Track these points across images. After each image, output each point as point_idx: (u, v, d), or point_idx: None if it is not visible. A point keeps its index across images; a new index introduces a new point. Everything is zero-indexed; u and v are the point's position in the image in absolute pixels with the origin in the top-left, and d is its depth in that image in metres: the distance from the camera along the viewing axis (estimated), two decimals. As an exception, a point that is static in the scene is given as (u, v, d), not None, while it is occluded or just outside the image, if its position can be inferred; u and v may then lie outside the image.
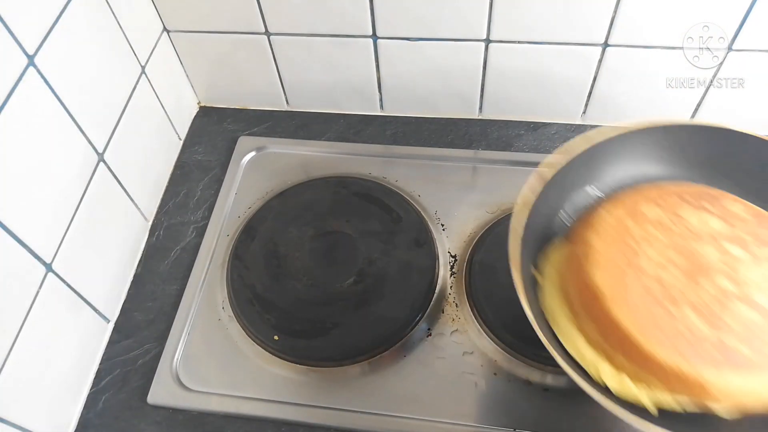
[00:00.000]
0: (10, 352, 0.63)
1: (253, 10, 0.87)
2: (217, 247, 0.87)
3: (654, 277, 0.59)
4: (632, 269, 0.60)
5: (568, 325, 0.62)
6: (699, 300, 0.57)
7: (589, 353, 0.60)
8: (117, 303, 0.83)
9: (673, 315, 0.57)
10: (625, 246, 0.62)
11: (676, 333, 0.56)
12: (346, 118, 1.01)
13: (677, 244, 0.61)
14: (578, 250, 0.64)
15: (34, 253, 0.66)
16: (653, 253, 0.61)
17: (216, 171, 0.96)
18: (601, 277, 0.60)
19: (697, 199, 0.65)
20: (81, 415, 0.76)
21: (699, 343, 0.55)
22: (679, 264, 0.60)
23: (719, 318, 0.56)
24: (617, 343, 0.58)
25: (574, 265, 0.64)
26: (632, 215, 0.64)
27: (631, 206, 0.65)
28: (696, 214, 0.64)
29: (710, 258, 0.60)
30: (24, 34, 0.63)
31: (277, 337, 0.77)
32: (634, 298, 0.58)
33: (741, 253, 0.61)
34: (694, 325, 0.56)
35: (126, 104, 0.83)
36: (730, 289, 0.58)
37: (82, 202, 0.74)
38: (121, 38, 0.81)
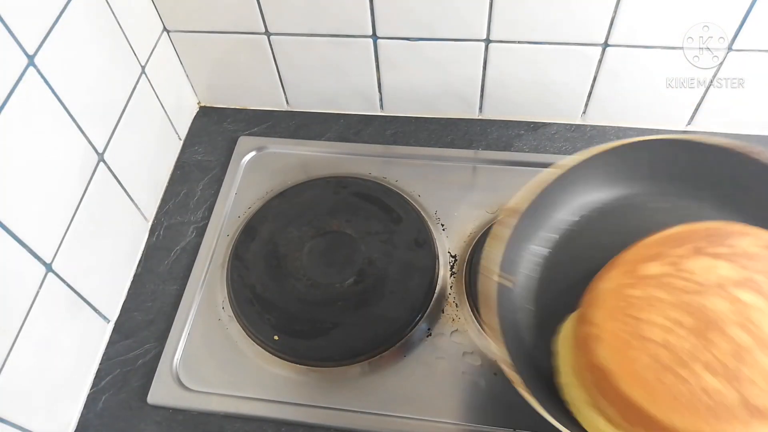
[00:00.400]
0: (10, 352, 0.63)
1: (253, 10, 0.87)
2: (217, 247, 0.87)
3: (661, 342, 0.55)
4: (637, 340, 0.56)
5: (586, 407, 0.60)
6: (712, 358, 0.53)
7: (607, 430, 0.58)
8: (117, 303, 0.83)
9: (686, 379, 0.53)
10: (627, 316, 0.58)
11: (693, 398, 0.53)
12: (346, 118, 1.01)
13: (682, 301, 0.57)
14: (582, 329, 0.61)
15: (34, 253, 0.66)
16: (657, 317, 0.57)
17: (216, 171, 0.96)
18: (606, 354, 0.57)
19: (701, 243, 0.60)
20: (81, 415, 0.76)
21: (719, 404, 0.52)
22: (687, 323, 0.55)
23: (737, 373, 0.53)
24: (636, 420, 0.55)
25: (580, 344, 0.61)
26: (632, 279, 0.60)
27: (629, 268, 0.61)
28: (700, 262, 0.59)
29: (719, 309, 0.55)
30: (24, 34, 0.63)
31: (277, 337, 0.77)
32: (642, 370, 0.55)
33: (752, 298, 0.56)
34: (710, 386, 0.53)
35: (126, 104, 0.83)
36: (745, 339, 0.54)
37: (82, 202, 0.74)
38: (121, 38, 0.81)
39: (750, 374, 0.52)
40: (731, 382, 0.52)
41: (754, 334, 0.54)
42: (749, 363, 0.53)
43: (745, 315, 0.55)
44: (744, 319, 0.54)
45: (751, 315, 0.55)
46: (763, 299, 0.56)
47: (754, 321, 0.54)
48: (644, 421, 0.54)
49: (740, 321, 0.54)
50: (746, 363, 0.53)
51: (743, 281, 0.57)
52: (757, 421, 0.52)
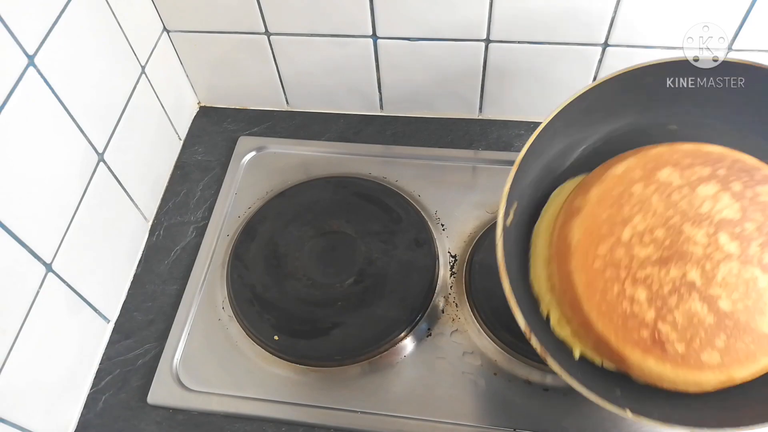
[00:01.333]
0: (10, 352, 0.63)
1: (253, 10, 0.87)
2: (217, 247, 0.87)
3: (628, 249, 0.58)
4: (611, 235, 0.59)
5: (542, 260, 0.64)
6: (659, 285, 0.56)
7: (546, 294, 0.63)
8: (117, 303, 0.83)
9: (625, 294, 0.56)
10: (616, 205, 0.60)
11: (620, 311, 0.56)
12: (346, 118, 1.01)
13: (670, 221, 0.58)
14: (576, 200, 0.63)
15: (33, 253, 0.66)
16: (640, 221, 0.59)
17: (216, 171, 0.96)
18: (576, 228, 0.60)
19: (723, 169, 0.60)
20: (81, 415, 0.76)
21: (636, 326, 0.56)
22: (661, 243, 0.57)
23: (668, 308, 0.56)
24: (568, 299, 0.59)
25: (565, 208, 0.64)
26: (644, 173, 0.61)
27: (648, 164, 0.62)
28: (713, 193, 0.59)
29: (696, 246, 0.57)
30: (24, 34, 0.63)
31: (277, 337, 0.77)
32: (597, 267, 0.58)
33: (734, 249, 0.57)
34: (640, 308, 0.56)
35: (126, 104, 0.83)
36: (697, 283, 0.56)
37: (82, 202, 0.74)
38: (121, 38, 0.81)
39: (677, 314, 0.56)
40: (658, 312, 0.56)
41: (707, 279, 0.56)
42: (684, 304, 0.56)
43: (713, 261, 0.56)
44: (710, 264, 0.56)
45: (720, 264, 0.56)
46: (742, 255, 0.57)
47: (718, 270, 0.56)
48: (572, 301, 0.59)
49: (704, 265, 0.56)
50: (682, 303, 0.56)
51: (733, 224, 0.58)
52: (654, 355, 0.56)
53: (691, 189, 0.59)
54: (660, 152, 0.63)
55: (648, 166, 0.61)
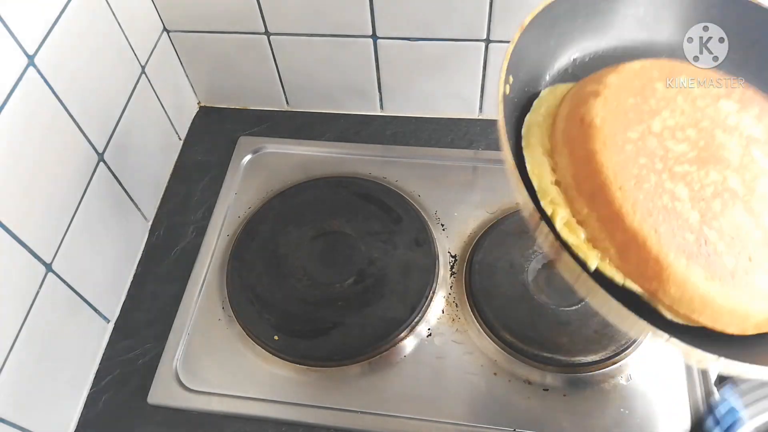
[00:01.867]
0: (10, 352, 0.63)
1: (253, 11, 0.87)
2: (218, 247, 0.87)
3: (661, 140, 0.50)
4: (637, 116, 0.51)
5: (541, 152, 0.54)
6: (700, 185, 0.48)
7: (552, 190, 0.51)
8: (117, 303, 0.84)
9: (664, 186, 0.48)
10: (641, 96, 0.52)
11: (660, 205, 0.47)
12: (346, 118, 1.01)
13: (701, 123, 0.51)
14: (588, 86, 0.55)
15: (33, 253, 0.66)
16: (671, 119, 0.51)
17: (216, 171, 0.96)
18: (600, 111, 0.51)
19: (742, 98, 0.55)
20: (81, 415, 0.76)
21: (680, 227, 0.47)
22: (695, 143, 0.50)
23: (714, 212, 0.48)
24: (588, 189, 0.49)
25: (577, 95, 0.55)
26: (665, 76, 0.54)
27: (666, 71, 0.55)
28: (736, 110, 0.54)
29: (731, 153, 0.51)
30: (24, 34, 0.63)
31: (277, 337, 0.77)
32: (629, 151, 0.49)
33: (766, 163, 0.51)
34: (683, 207, 0.47)
35: (126, 104, 0.83)
36: (740, 190, 0.49)
37: (82, 202, 0.74)
38: (121, 38, 0.81)
39: (723, 222, 0.48)
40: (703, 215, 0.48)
41: (749, 190, 0.50)
42: (730, 211, 0.48)
43: (752, 172, 0.50)
44: (750, 174, 0.50)
45: (758, 176, 0.50)
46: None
47: (756, 183, 0.50)
48: (595, 196, 0.48)
49: (744, 173, 0.50)
50: (727, 209, 0.48)
51: (762, 143, 0.52)
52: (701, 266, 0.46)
53: (714, 100, 0.54)
54: (673, 63, 0.57)
55: (664, 68, 0.55)
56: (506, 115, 0.53)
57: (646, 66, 0.55)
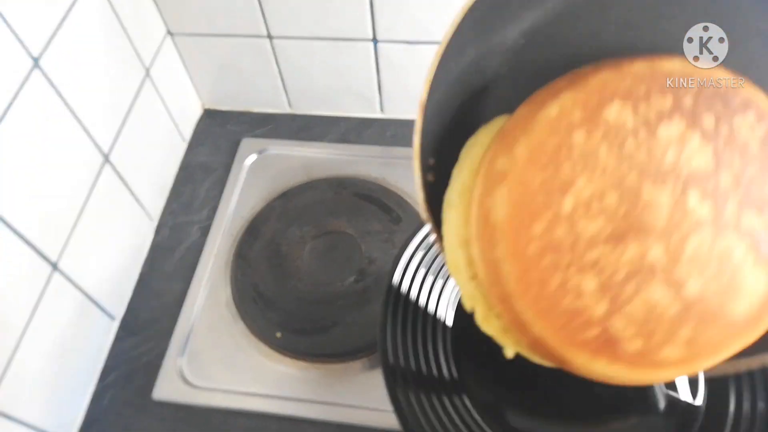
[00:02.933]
0: (16, 349, 0.64)
1: (256, 14, 0.88)
2: (221, 247, 0.88)
3: (571, 224, 0.43)
4: (548, 207, 0.44)
5: (456, 242, 0.50)
6: (613, 269, 0.43)
7: (469, 287, 0.49)
8: (122, 301, 0.85)
9: (568, 285, 0.43)
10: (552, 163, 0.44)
11: (562, 308, 0.43)
12: (347, 120, 1.02)
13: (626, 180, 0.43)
14: (497, 160, 0.46)
15: (40, 253, 0.67)
16: (587, 188, 0.43)
17: (219, 172, 0.97)
18: (504, 206, 0.45)
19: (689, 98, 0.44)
20: (87, 411, 0.77)
21: (583, 324, 0.43)
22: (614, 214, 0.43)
23: (624, 299, 0.43)
24: (496, 294, 0.46)
25: (486, 174, 0.47)
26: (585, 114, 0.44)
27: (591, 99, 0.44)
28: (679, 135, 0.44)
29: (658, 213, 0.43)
30: (29, 37, 0.64)
31: (280, 334, 0.78)
32: (532, 253, 0.44)
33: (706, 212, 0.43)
34: (587, 301, 0.43)
35: (131, 106, 0.84)
36: (660, 262, 0.43)
37: (88, 202, 0.75)
38: (125, 41, 0.82)
39: (633, 305, 0.43)
40: (609, 301, 0.43)
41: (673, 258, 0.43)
42: (641, 291, 0.43)
43: (679, 229, 0.43)
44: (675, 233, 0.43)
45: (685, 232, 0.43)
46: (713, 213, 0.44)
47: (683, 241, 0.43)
48: (501, 293, 0.45)
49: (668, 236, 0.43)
50: (639, 289, 0.43)
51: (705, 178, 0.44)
52: (606, 356, 0.44)
53: (650, 132, 0.44)
54: (604, 80, 0.45)
55: (590, 102, 0.44)
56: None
57: (567, 105, 0.44)
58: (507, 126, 0.48)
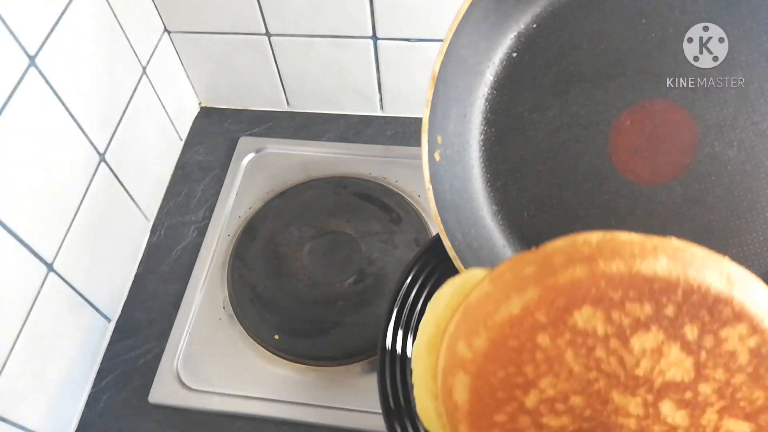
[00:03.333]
0: (11, 351, 0.64)
1: (254, 11, 0.87)
2: (218, 247, 0.87)
3: (534, 416, 0.42)
4: (510, 400, 0.42)
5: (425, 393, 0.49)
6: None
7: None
8: (118, 302, 0.84)
9: None
10: (513, 363, 0.41)
11: None
12: (346, 118, 1.01)
13: (592, 387, 0.40)
14: (459, 343, 0.44)
15: (35, 253, 0.66)
16: (551, 389, 0.41)
17: (217, 171, 0.96)
18: (464, 393, 0.43)
19: (677, 315, 0.39)
20: (82, 414, 0.76)
21: None
22: (578, 413, 0.41)
23: None
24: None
25: (448, 352, 0.45)
26: (550, 319, 0.40)
27: (560, 306, 0.40)
28: (655, 347, 0.39)
29: (625, 418, 0.41)
30: (25, 35, 0.63)
31: (278, 336, 0.77)
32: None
33: (681, 420, 0.41)
34: None
35: (127, 105, 0.83)
36: None
37: (84, 202, 0.75)
38: (122, 39, 0.81)
39: None
40: None
41: None
42: None
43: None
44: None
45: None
46: (689, 421, 0.41)
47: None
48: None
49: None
50: None
51: (682, 388, 0.40)
52: None
53: (623, 342, 0.39)
54: (575, 280, 0.40)
55: (557, 304, 0.40)
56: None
57: (530, 305, 0.40)
58: (470, 302, 0.44)
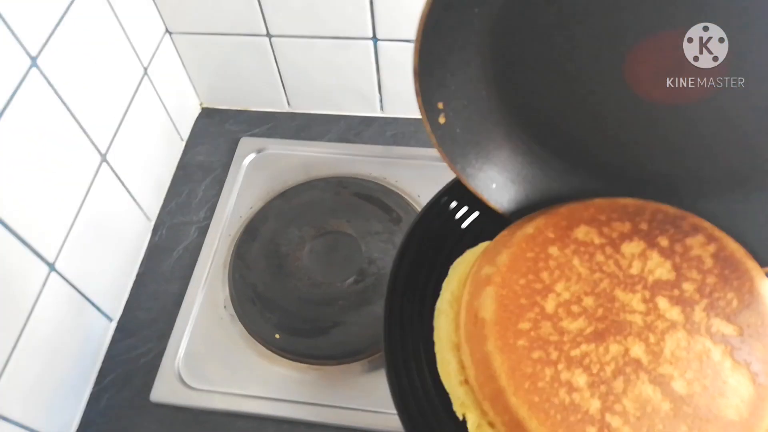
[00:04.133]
0: (13, 350, 0.64)
1: (255, 13, 0.87)
2: (219, 247, 0.87)
3: (555, 322, 0.48)
4: (531, 308, 0.48)
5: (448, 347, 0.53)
6: (599, 366, 0.46)
7: (460, 392, 0.50)
8: (120, 302, 0.84)
9: (560, 379, 0.45)
10: (531, 271, 0.50)
11: (557, 403, 0.45)
12: (347, 119, 1.02)
13: (599, 286, 0.49)
14: (483, 268, 0.52)
15: (37, 253, 0.67)
16: (565, 292, 0.49)
17: (218, 171, 0.96)
18: (491, 304, 0.49)
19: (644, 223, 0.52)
20: (84, 414, 0.76)
21: (579, 421, 0.44)
22: (593, 314, 0.48)
23: (616, 394, 0.45)
24: (489, 393, 0.48)
25: (473, 280, 0.52)
26: (556, 233, 0.52)
27: (563, 226, 0.52)
28: (640, 251, 0.51)
29: (633, 314, 0.48)
30: (27, 36, 0.63)
31: (279, 335, 0.77)
32: (521, 347, 0.47)
33: (677, 316, 0.48)
34: (581, 397, 0.45)
35: (129, 105, 0.84)
36: (643, 359, 0.46)
37: (85, 202, 0.75)
38: (123, 40, 0.82)
39: (625, 402, 0.45)
40: (603, 400, 0.45)
41: (654, 355, 0.47)
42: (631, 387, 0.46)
43: (656, 331, 0.48)
44: (653, 335, 0.47)
45: (664, 335, 0.47)
46: (683, 317, 0.48)
47: (663, 343, 0.47)
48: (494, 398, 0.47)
49: (647, 337, 0.47)
50: (629, 385, 0.46)
51: (670, 286, 0.49)
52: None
53: (615, 248, 0.51)
54: (571, 209, 0.54)
55: (560, 224, 0.53)
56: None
57: (541, 226, 0.53)
58: (489, 246, 0.55)
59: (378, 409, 0.73)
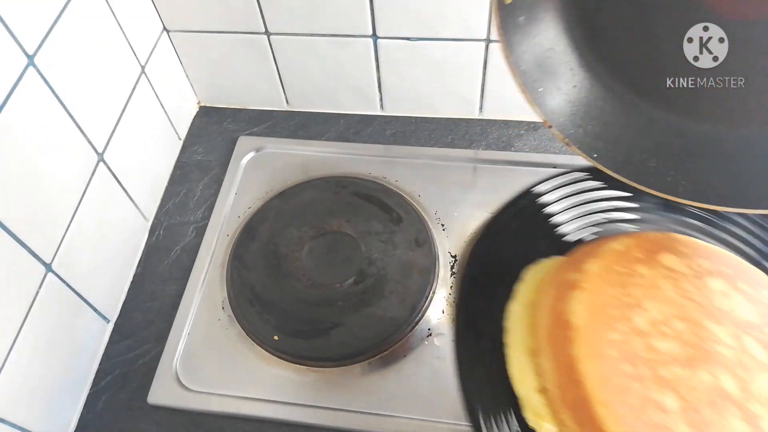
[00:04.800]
0: (9, 352, 0.63)
1: (253, 10, 0.87)
2: (217, 247, 0.87)
3: (646, 340, 0.46)
4: (621, 319, 0.47)
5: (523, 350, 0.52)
6: (691, 391, 0.45)
7: (535, 400, 0.50)
8: (117, 303, 0.84)
9: (651, 397, 0.44)
10: (621, 285, 0.49)
11: (647, 421, 0.43)
12: (346, 118, 1.01)
13: (690, 313, 0.48)
14: (567, 273, 0.52)
15: (33, 253, 0.66)
16: (656, 311, 0.48)
17: (216, 171, 0.96)
18: (581, 308, 0.48)
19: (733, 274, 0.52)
20: (81, 415, 0.76)
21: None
22: (684, 339, 0.46)
23: (706, 423, 0.44)
24: (571, 400, 0.46)
25: (555, 283, 0.52)
26: (645, 255, 0.51)
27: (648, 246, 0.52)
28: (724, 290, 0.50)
29: (723, 347, 0.46)
30: (24, 34, 0.63)
31: (277, 337, 0.77)
32: (612, 357, 0.46)
33: (764, 358, 0.47)
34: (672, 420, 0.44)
35: (126, 104, 0.83)
36: (734, 393, 0.45)
37: (82, 202, 0.74)
38: (120, 38, 0.81)
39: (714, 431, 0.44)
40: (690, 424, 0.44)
41: (745, 391, 0.45)
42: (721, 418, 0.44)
43: (745, 367, 0.46)
44: (743, 370, 0.46)
45: (753, 372, 0.46)
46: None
47: (752, 381, 0.46)
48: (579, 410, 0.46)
49: (735, 371, 0.46)
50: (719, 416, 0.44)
51: (755, 328, 0.48)
52: None
53: (700, 280, 0.50)
54: (655, 237, 0.55)
55: (646, 247, 0.52)
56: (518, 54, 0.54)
57: (630, 244, 0.53)
58: (571, 258, 0.55)
59: (377, 412, 0.72)
